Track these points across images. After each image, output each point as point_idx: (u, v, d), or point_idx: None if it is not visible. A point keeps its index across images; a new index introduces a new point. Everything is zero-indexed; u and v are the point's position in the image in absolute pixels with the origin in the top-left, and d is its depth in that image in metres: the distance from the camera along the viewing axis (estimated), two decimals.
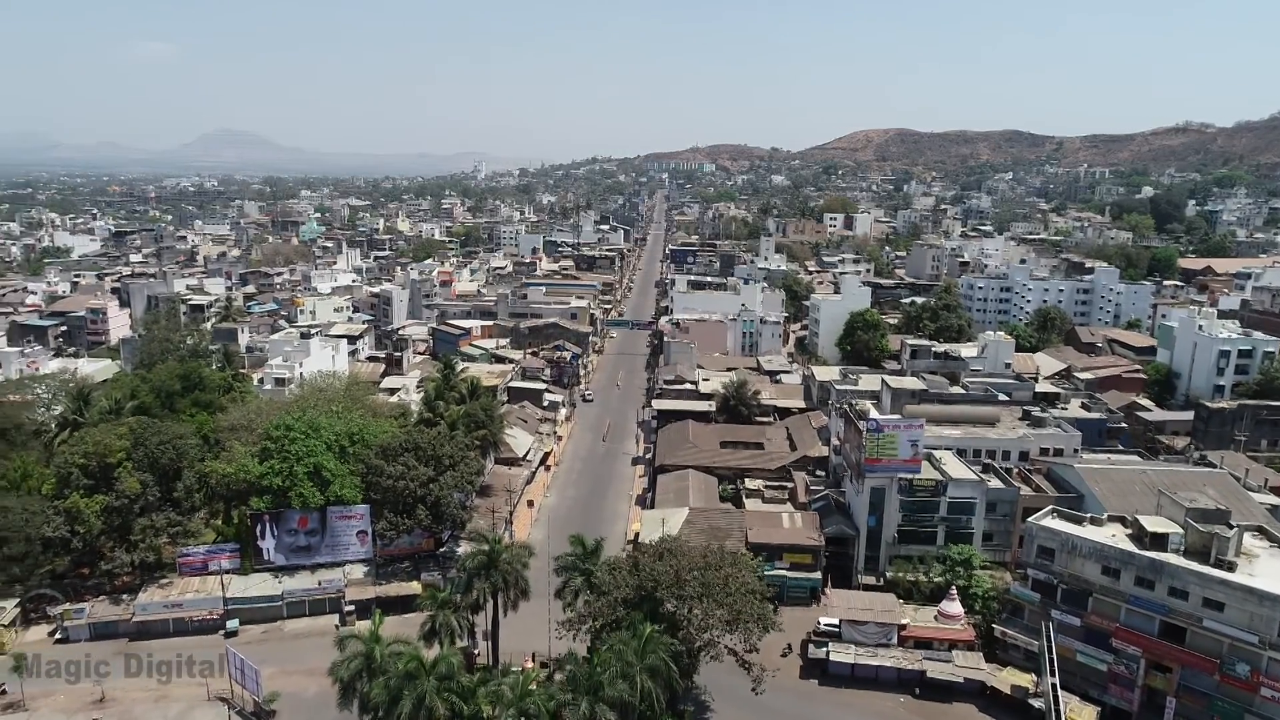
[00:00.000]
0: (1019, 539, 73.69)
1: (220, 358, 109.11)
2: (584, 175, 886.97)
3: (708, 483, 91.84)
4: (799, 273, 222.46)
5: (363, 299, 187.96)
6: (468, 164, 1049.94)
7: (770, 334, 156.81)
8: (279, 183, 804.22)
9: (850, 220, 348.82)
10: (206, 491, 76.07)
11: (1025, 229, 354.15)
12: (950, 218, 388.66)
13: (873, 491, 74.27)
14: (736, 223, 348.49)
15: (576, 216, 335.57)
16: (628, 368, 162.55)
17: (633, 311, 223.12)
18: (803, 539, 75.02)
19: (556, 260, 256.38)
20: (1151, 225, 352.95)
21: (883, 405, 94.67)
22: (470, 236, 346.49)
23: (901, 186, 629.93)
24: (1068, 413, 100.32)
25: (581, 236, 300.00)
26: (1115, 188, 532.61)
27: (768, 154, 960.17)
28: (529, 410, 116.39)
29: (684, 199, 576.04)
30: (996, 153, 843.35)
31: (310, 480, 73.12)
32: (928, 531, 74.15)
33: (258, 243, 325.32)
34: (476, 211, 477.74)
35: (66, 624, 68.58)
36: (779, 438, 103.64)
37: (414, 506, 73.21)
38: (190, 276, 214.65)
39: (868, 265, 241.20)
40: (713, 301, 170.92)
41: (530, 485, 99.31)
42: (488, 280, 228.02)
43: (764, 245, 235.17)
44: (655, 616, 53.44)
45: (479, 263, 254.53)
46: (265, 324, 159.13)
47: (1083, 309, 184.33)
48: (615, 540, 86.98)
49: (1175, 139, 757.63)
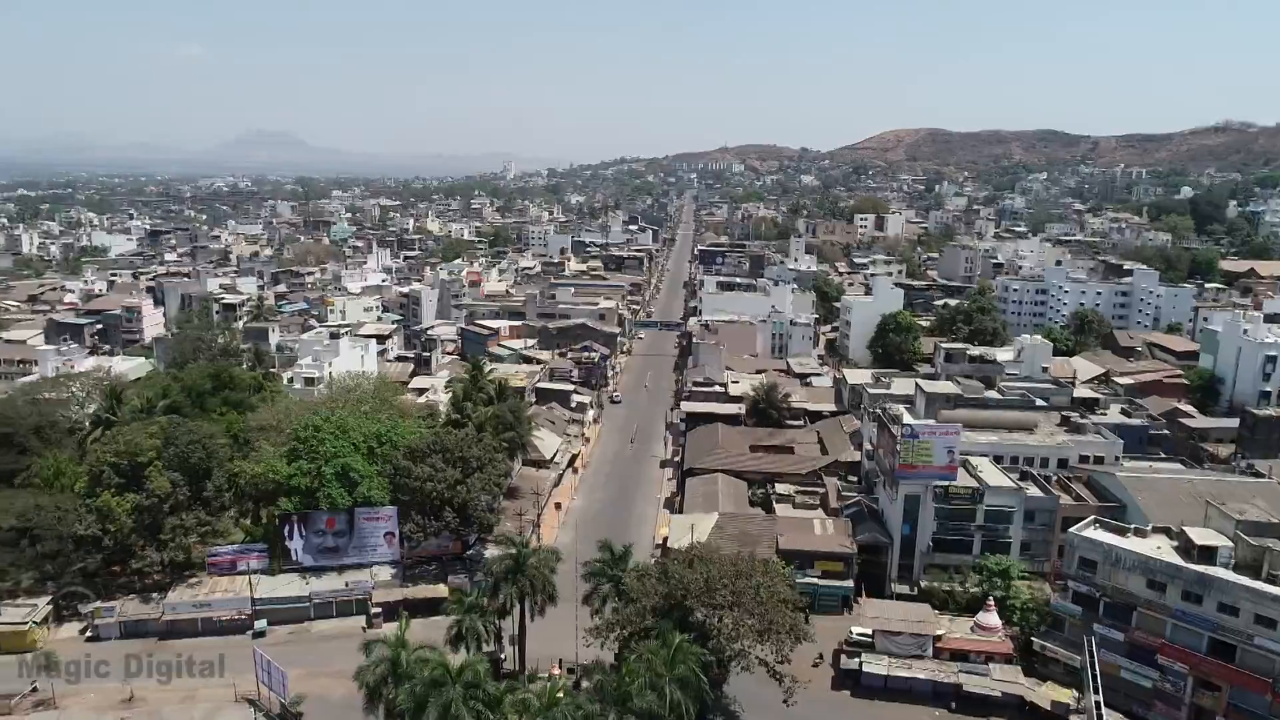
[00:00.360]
0: (1058, 549, 71.83)
1: (251, 357, 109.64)
2: (612, 175, 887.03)
3: (737, 487, 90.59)
4: (830, 274, 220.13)
5: (392, 299, 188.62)
6: (497, 164, 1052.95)
7: (800, 336, 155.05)
8: (310, 183, 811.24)
9: (881, 221, 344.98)
10: (235, 491, 76.19)
11: (1061, 230, 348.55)
12: (983, 219, 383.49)
13: (907, 499, 72.66)
14: (766, 223, 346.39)
15: (605, 217, 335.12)
16: (656, 369, 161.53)
17: (661, 312, 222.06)
18: (835, 546, 73.56)
19: (585, 260, 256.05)
20: (1191, 226, 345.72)
21: (916, 410, 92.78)
22: (499, 236, 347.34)
23: (933, 187, 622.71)
24: (1107, 419, 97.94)
25: (610, 237, 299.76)
26: (1153, 188, 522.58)
27: (797, 154, 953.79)
28: (556, 411, 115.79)
29: (712, 199, 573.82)
30: (1030, 153, 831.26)
31: (338, 481, 72.91)
32: (964, 540, 72.39)
33: (289, 242, 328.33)
34: (505, 211, 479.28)
35: (97, 622, 68.91)
36: (809, 442, 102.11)
37: (441, 508, 72.76)
38: (223, 276, 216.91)
39: (899, 266, 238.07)
40: (742, 303, 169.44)
41: (557, 487, 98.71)
42: (516, 280, 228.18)
43: (794, 246, 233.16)
44: (685, 625, 52.41)
45: (507, 263, 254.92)
46: (296, 323, 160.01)
47: (1121, 312, 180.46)
48: (643, 544, 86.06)
49: (1215, 138, 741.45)
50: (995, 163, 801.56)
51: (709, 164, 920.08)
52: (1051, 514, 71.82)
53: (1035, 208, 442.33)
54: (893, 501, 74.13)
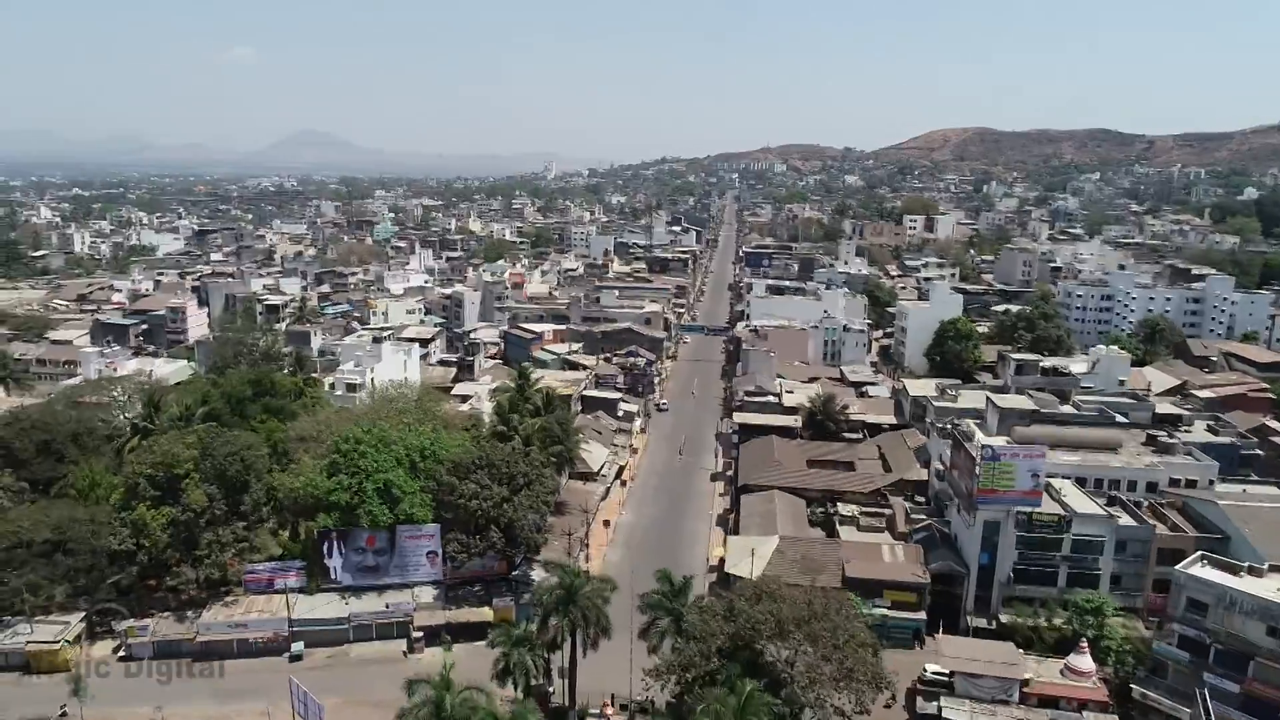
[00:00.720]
0: (1152, 583, 66.09)
1: (292, 361, 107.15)
2: (653, 176, 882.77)
3: (795, 506, 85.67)
4: (880, 277, 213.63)
5: (434, 300, 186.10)
6: (538, 164, 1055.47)
7: (854, 343, 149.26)
8: (354, 183, 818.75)
9: (931, 222, 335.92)
10: (274, 505, 73.19)
11: (1119, 232, 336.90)
12: (1036, 220, 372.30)
13: (986, 525, 67.23)
14: (811, 224, 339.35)
15: (649, 218, 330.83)
16: (703, 375, 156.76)
17: (706, 316, 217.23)
18: (906, 575, 68.37)
19: (628, 262, 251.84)
20: (1258, 229, 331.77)
21: (988, 426, 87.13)
22: (541, 237, 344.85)
23: (981, 187, 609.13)
24: (1192, 436, 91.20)
25: (653, 238, 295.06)
26: (1213, 189, 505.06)
27: (840, 154, 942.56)
28: (603, 421, 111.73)
29: (755, 199, 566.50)
30: (1082, 152, 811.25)
31: (379, 497, 69.47)
32: (1048, 572, 66.77)
33: (333, 242, 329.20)
34: (547, 212, 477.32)
35: (131, 641, 66.20)
36: (870, 457, 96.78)
37: (487, 528, 68.91)
38: (267, 275, 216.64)
39: (952, 270, 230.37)
40: (792, 307, 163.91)
41: (604, 501, 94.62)
42: (559, 282, 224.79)
43: (843, 249, 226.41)
44: (753, 669, 47.85)
45: (550, 264, 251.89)
46: (338, 325, 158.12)
47: (1193, 320, 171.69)
48: (695, 565, 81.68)
49: (1277, 137, 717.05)
50: (1045, 163, 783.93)
51: (750, 164, 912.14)
52: (1146, 545, 65.90)
53: (1090, 209, 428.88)
54: (969, 527, 68.70)
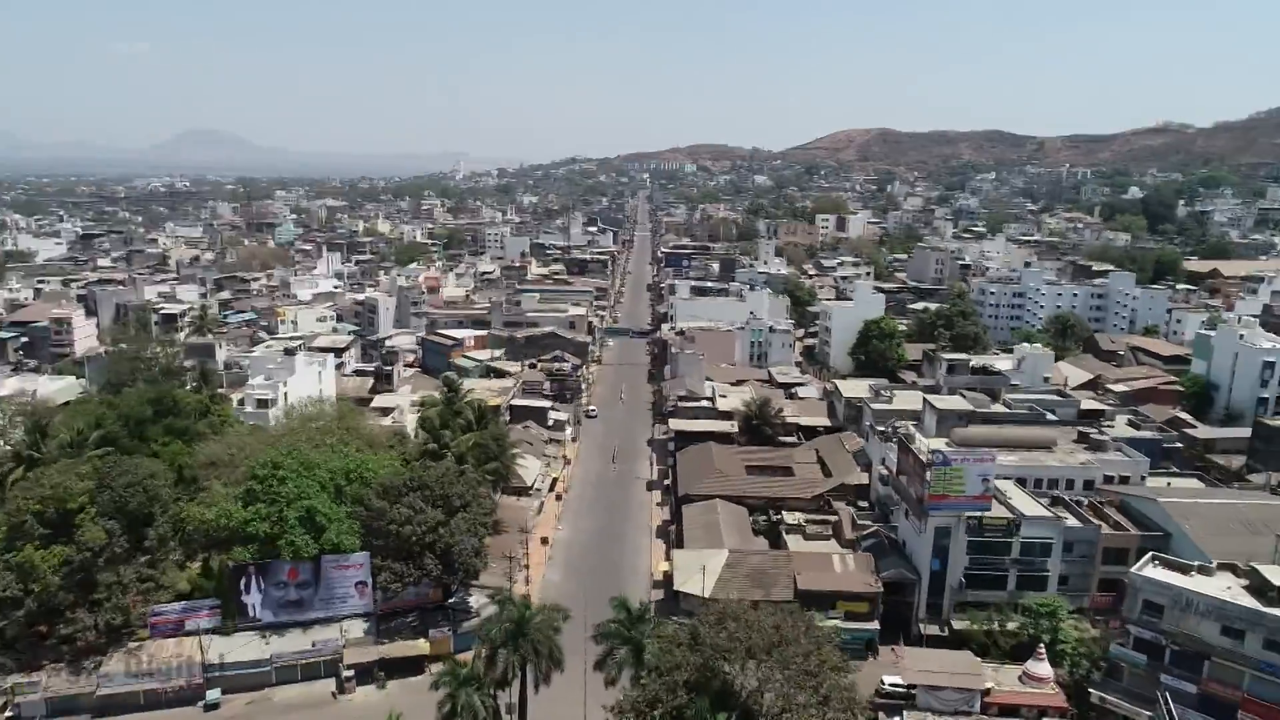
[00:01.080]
0: (1097, 582, 66.45)
1: (195, 377, 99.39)
2: (564, 175, 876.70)
3: (738, 515, 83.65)
4: (799, 277, 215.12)
5: (346, 307, 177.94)
6: (446, 164, 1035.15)
7: (780, 344, 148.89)
8: (253, 183, 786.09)
9: (843, 222, 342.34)
10: (182, 538, 66.83)
11: (1019, 230, 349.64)
12: (941, 218, 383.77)
13: (937, 531, 66.40)
14: (727, 225, 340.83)
15: (566, 218, 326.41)
16: (629, 379, 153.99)
17: (627, 317, 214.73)
18: (859, 585, 66.91)
19: (546, 264, 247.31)
20: (1144, 226, 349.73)
21: (926, 427, 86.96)
22: (453, 239, 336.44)
23: (885, 187, 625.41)
24: (1115, 431, 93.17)
25: (570, 239, 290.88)
26: (1100, 188, 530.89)
27: (749, 154, 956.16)
28: (533, 431, 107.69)
29: (667, 199, 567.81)
30: (978, 153, 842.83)
31: (302, 526, 64.09)
32: (998, 575, 66.40)
33: (232, 246, 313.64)
34: (458, 212, 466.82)
35: (19, 700, 59.10)
36: (809, 461, 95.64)
37: (421, 554, 64.32)
38: (162, 283, 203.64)
39: (867, 269, 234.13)
40: (717, 309, 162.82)
41: (539, 515, 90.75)
42: (476, 286, 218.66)
43: (763, 249, 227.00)
44: (722, 700, 45.11)
45: (465, 267, 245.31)
46: (244, 336, 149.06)
47: (1098, 315, 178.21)
48: (640, 580, 78.85)
49: (1155, 139, 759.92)
50: (944, 163, 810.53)
51: (661, 164, 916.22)
52: (1092, 545, 66.18)
53: (990, 207, 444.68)
54: (920, 534, 67.75)
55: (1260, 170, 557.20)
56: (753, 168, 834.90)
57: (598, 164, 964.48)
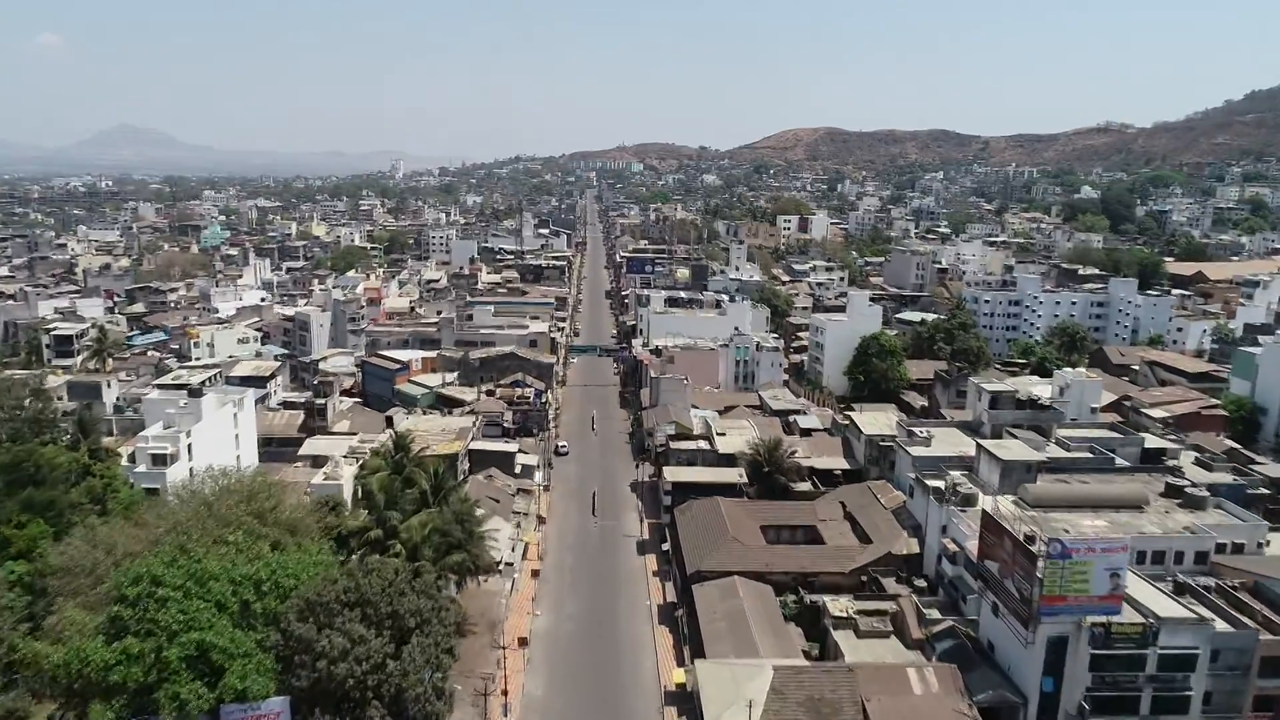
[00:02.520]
0: (1251, 702, 51.47)
1: (74, 427, 79.13)
2: (508, 175, 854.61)
3: (765, 599, 66.97)
4: (773, 283, 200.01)
5: (274, 324, 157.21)
6: (384, 162, 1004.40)
7: (769, 363, 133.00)
8: (181, 182, 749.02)
9: (805, 223, 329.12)
10: (25, 685, 47.69)
11: (982, 231, 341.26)
12: (900, 218, 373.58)
13: (1050, 642, 50.71)
14: (685, 226, 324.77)
15: (517, 219, 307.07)
16: (600, 405, 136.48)
17: (589, 330, 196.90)
18: (951, 718, 50.79)
19: (498, 270, 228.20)
20: (1107, 226, 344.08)
21: (984, 481, 71.65)
22: (395, 242, 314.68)
23: (835, 186, 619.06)
24: (1184, 471, 79.12)
25: (523, 242, 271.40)
26: (1051, 186, 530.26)
27: (696, 153, 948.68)
28: (498, 482, 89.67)
29: (617, 199, 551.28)
30: (925, 152, 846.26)
31: (191, 669, 45.50)
32: (1128, 698, 50.98)
33: (150, 251, 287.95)
34: (398, 213, 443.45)
35: None
36: (835, 518, 79.51)
37: (363, 701, 46.30)
38: (62, 296, 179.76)
39: (840, 273, 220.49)
40: (695, 324, 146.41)
41: (513, 596, 73.04)
42: (422, 296, 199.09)
43: (735, 253, 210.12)
44: None
45: (409, 273, 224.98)
46: (149, 364, 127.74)
47: (1098, 324, 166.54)
48: (645, 691, 61.74)
49: (1098, 139, 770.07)
50: (892, 162, 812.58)
51: (608, 163, 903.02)
52: (1247, 655, 51.18)
53: (947, 207, 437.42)
54: (1026, 645, 51.85)
55: (1204, 169, 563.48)
56: (701, 167, 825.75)
57: (543, 163, 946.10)
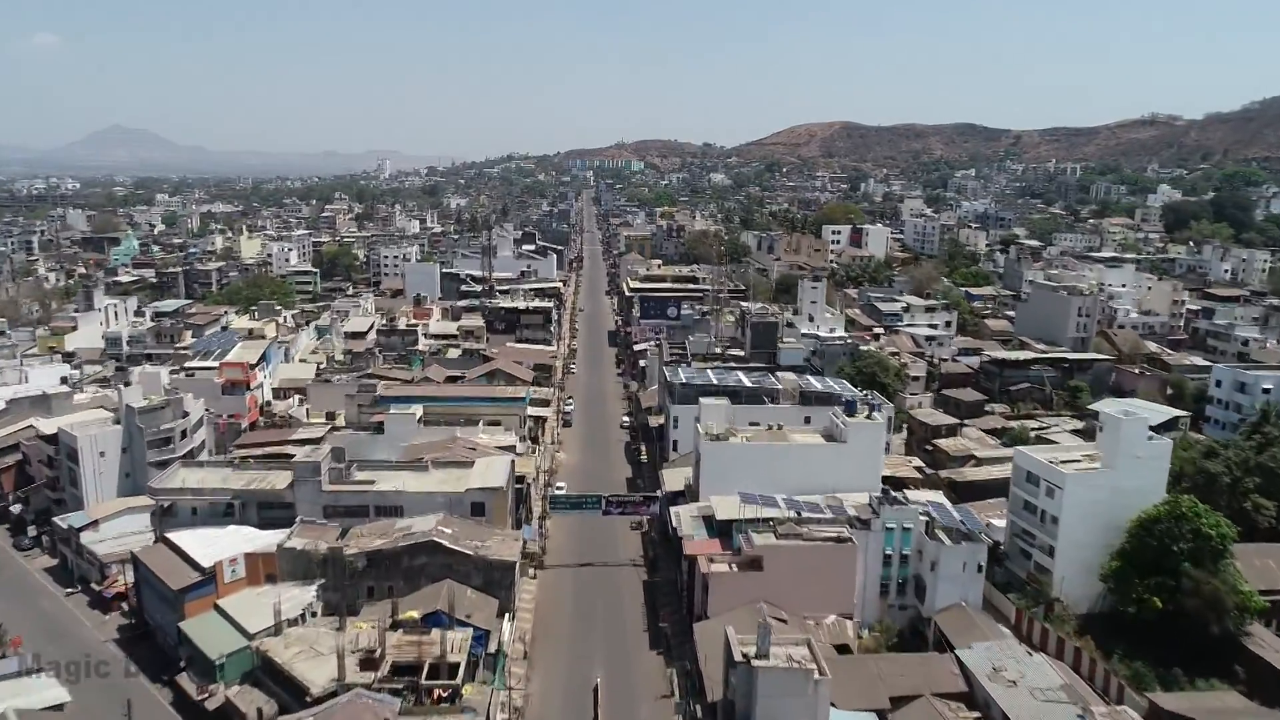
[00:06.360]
0: None
1: None
2: (499, 174, 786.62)
3: None
4: (864, 340, 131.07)
5: (32, 447, 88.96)
6: (372, 163, 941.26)
7: (958, 564, 64.59)
8: (153, 183, 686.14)
9: (859, 235, 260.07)
10: None
11: (1076, 243, 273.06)
12: (964, 226, 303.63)
13: None
14: (707, 240, 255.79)
15: (491, 234, 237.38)
16: (609, 642, 68.12)
17: (587, 419, 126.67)
18: None
19: (455, 315, 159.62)
20: (1231, 235, 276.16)
21: None
22: (338, 262, 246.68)
23: (858, 185, 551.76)
24: None
25: (494, 266, 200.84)
26: (1114, 186, 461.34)
27: (700, 150, 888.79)
28: None
29: (617, 200, 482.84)
30: (950, 147, 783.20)
31: None
32: None
33: (24, 275, 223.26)
34: (365, 220, 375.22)
35: None
36: None
37: None
38: None
39: (947, 316, 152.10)
40: (788, 461, 77.39)
41: None
42: (329, 361, 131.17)
43: (806, 293, 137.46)
44: None
45: (332, 319, 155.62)
46: None
47: None
48: None
49: (1144, 131, 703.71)
50: (915, 158, 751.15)
51: (605, 161, 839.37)
52: None
53: (1012, 211, 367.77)
54: None
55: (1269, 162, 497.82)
56: (706, 165, 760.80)
57: (537, 161, 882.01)
